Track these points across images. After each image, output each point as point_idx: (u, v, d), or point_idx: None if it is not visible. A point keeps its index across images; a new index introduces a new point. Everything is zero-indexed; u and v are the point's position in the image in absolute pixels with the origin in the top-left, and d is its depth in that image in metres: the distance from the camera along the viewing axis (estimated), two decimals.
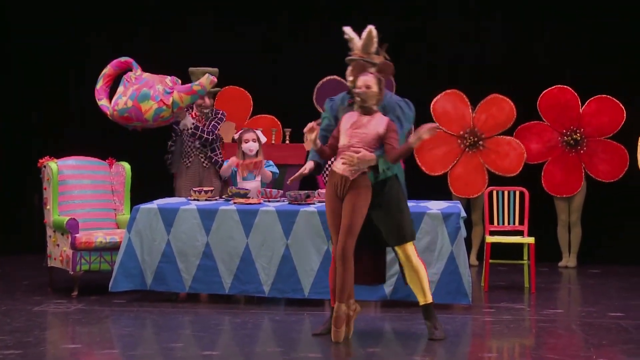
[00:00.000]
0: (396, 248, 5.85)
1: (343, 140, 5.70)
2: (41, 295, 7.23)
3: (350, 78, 5.85)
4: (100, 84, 7.88)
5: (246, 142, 7.60)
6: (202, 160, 7.99)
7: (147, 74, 7.77)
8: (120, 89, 7.71)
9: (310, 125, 5.71)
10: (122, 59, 7.92)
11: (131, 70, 7.87)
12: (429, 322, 5.87)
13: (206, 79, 7.67)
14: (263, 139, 7.79)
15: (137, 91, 7.57)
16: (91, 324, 6.21)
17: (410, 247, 5.87)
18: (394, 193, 5.85)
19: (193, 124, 7.96)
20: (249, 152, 7.60)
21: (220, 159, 8.06)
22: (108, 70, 7.92)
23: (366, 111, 5.72)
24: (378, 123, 5.68)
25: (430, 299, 5.88)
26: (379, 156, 5.65)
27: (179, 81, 7.84)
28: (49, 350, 5.53)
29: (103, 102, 7.82)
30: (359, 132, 5.66)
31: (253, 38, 9.81)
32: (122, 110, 7.57)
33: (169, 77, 7.74)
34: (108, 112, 7.75)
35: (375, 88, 5.68)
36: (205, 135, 7.94)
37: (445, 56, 9.62)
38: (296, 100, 9.17)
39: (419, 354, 5.49)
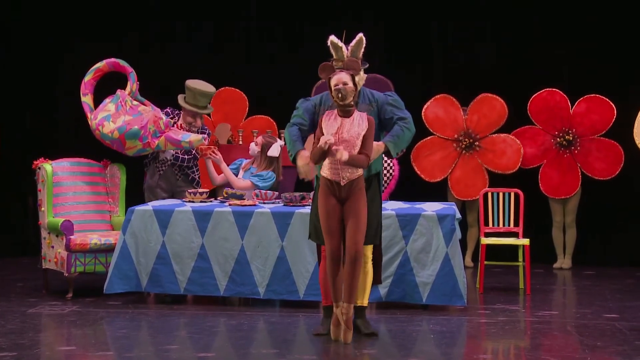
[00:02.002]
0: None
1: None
2: (36, 297, 7.22)
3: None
4: (89, 77, 7.78)
5: (255, 144, 7.57)
6: (176, 172, 7.93)
7: (142, 107, 7.63)
8: (111, 107, 7.56)
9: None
10: (122, 62, 7.84)
11: (126, 78, 7.75)
12: (362, 319, 5.95)
13: (198, 140, 7.52)
14: (274, 151, 7.54)
15: (127, 125, 7.44)
16: (86, 326, 6.20)
17: (370, 249, 5.92)
18: (374, 193, 5.93)
19: (172, 155, 7.83)
20: (249, 151, 7.59)
21: (197, 176, 7.97)
22: (102, 65, 7.83)
23: (345, 111, 5.68)
24: (359, 123, 5.68)
25: (367, 304, 6.01)
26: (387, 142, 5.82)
27: (172, 124, 7.72)
28: (44, 352, 5.52)
29: (87, 99, 7.72)
30: (345, 137, 5.65)
31: (250, 38, 9.82)
32: (105, 135, 7.50)
33: (164, 118, 7.61)
34: (89, 117, 7.63)
35: (351, 84, 5.66)
36: (185, 164, 7.83)
37: (438, 59, 9.64)
38: (292, 101, 9.18)
39: (414, 355, 5.49)
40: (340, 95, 5.62)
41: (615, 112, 8.83)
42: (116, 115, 7.51)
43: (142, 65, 9.86)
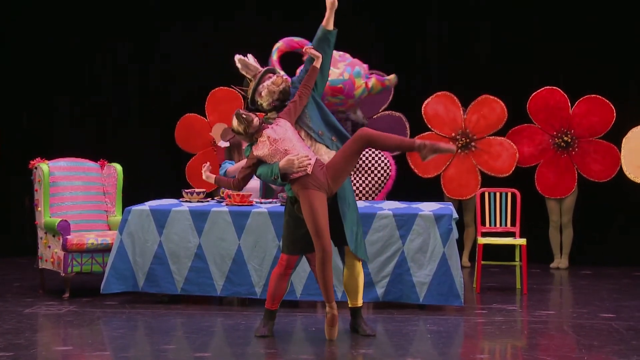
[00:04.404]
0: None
1: (274, 159, 5.71)
2: (32, 297, 7.21)
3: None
4: (276, 56, 7.94)
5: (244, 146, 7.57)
6: None
7: (347, 54, 7.95)
8: None
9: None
10: (296, 39, 7.96)
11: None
12: (359, 320, 5.95)
13: (394, 77, 7.98)
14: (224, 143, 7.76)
15: (350, 67, 7.78)
16: (83, 326, 6.20)
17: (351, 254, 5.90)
18: (350, 188, 5.88)
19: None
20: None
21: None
22: (281, 45, 7.95)
23: (258, 131, 5.76)
24: (277, 124, 5.73)
25: (361, 304, 5.99)
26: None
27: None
28: (40, 353, 5.51)
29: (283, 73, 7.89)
30: (280, 138, 5.68)
31: (248, 38, 9.81)
32: (335, 81, 7.74)
33: (364, 64, 8.00)
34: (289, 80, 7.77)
35: (244, 116, 5.77)
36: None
37: (436, 58, 9.65)
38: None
39: (411, 355, 5.50)
40: (244, 116, 5.74)
41: (615, 114, 8.83)
42: (333, 64, 7.73)
43: (138, 65, 9.91)
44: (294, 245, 5.81)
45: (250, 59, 6.01)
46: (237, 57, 5.96)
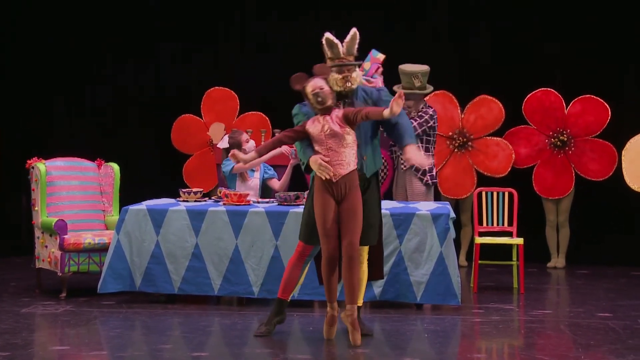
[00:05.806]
0: None
1: (319, 148, 5.69)
2: (29, 297, 7.21)
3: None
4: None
5: (247, 142, 7.60)
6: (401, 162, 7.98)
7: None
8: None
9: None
10: (377, 55, 7.93)
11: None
12: (358, 320, 5.92)
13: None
14: (223, 143, 7.75)
15: None
16: (80, 326, 6.20)
17: (367, 249, 5.92)
18: (374, 193, 5.90)
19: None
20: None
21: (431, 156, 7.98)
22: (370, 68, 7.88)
23: (326, 111, 5.72)
24: (345, 128, 5.69)
25: (361, 304, 5.99)
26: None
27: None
28: (37, 352, 5.51)
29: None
30: (334, 129, 5.65)
31: (244, 36, 9.82)
32: None
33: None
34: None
35: (327, 87, 5.70)
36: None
37: (435, 57, 9.64)
38: (286, 100, 9.19)
39: (408, 354, 5.50)
40: (319, 99, 5.67)
41: (609, 113, 8.84)
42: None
43: (137, 65, 9.90)
44: (310, 236, 5.81)
45: (349, 35, 5.84)
46: (327, 34, 5.85)
